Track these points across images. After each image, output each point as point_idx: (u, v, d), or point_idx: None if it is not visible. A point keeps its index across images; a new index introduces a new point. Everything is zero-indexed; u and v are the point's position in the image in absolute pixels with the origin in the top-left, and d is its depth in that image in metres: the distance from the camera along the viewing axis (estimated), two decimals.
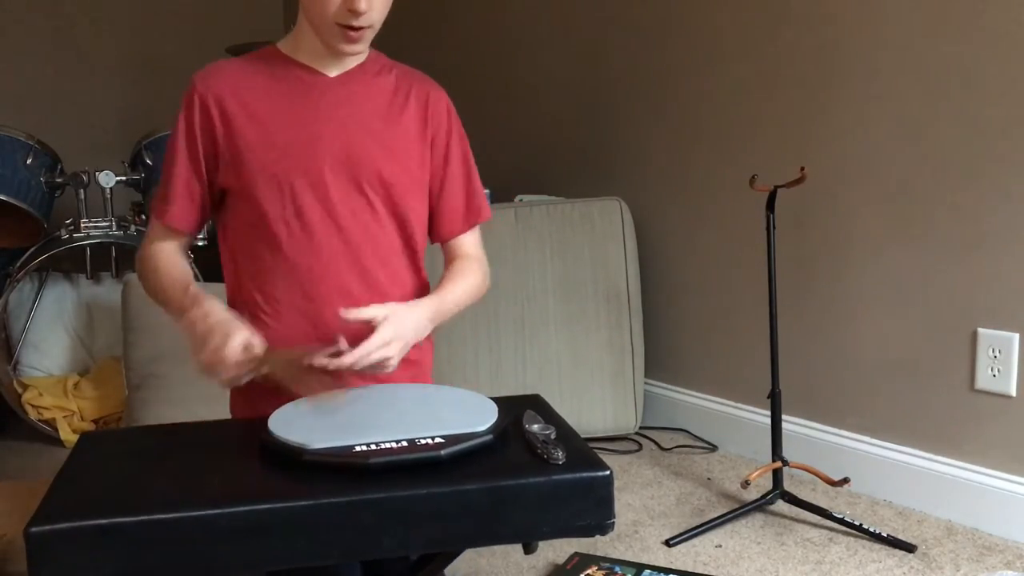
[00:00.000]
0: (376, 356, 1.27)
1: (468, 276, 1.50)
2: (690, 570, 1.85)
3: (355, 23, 1.33)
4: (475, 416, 1.18)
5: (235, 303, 1.43)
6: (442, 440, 1.11)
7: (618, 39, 2.82)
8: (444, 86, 1.54)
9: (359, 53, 1.42)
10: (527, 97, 3.20)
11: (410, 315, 1.35)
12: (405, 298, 1.42)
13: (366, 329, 1.29)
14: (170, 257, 1.42)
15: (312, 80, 1.41)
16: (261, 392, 1.34)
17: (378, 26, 1.38)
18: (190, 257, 1.47)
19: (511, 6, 3.25)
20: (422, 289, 1.49)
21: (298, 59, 1.42)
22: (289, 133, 1.37)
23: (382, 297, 1.39)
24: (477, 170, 1.53)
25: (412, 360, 1.45)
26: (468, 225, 1.52)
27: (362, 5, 1.30)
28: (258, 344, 1.25)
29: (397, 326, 1.30)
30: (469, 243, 1.54)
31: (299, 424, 1.17)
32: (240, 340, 1.23)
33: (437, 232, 1.52)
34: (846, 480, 2.04)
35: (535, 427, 1.20)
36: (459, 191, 1.51)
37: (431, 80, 1.51)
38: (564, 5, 3.03)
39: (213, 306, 1.29)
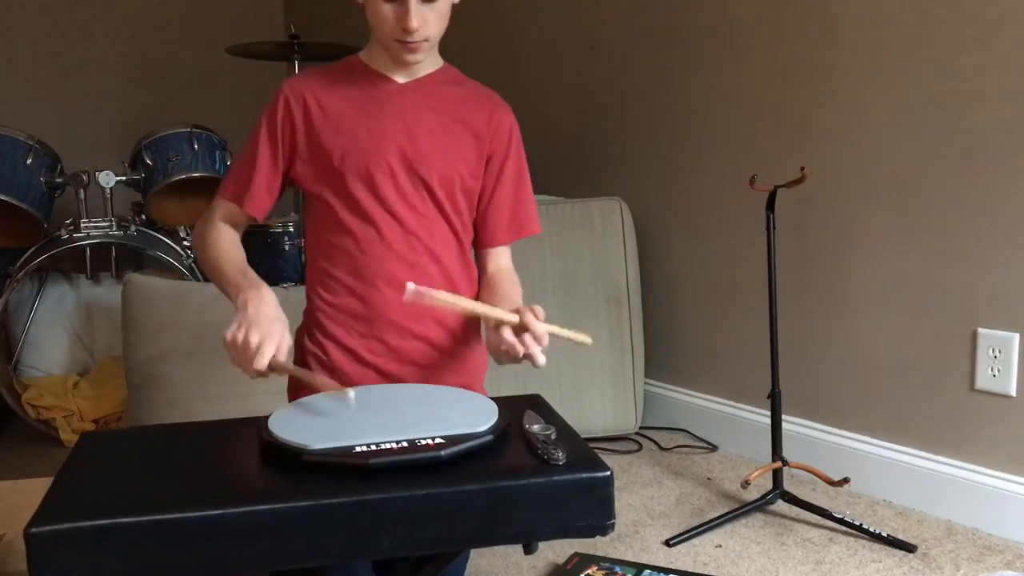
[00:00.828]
0: (538, 348, 1.32)
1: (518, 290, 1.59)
2: (690, 570, 1.85)
3: (409, 39, 1.43)
4: (475, 416, 1.18)
5: (309, 270, 1.57)
6: (442, 440, 1.11)
7: (619, 40, 2.82)
8: None
9: (419, 62, 1.50)
10: (527, 97, 3.20)
11: None
12: (453, 291, 1.51)
13: (413, 312, 1.45)
14: (233, 238, 1.54)
15: (383, 85, 1.52)
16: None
17: (435, 39, 1.48)
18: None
19: (512, 7, 3.25)
20: (470, 283, 1.58)
21: (373, 67, 1.53)
22: (358, 131, 1.49)
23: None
24: (531, 190, 1.63)
25: (464, 368, 1.55)
26: (510, 237, 1.62)
27: (413, 23, 1.40)
28: (284, 358, 1.31)
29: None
30: (504, 255, 1.63)
31: (299, 424, 1.17)
32: (268, 355, 1.29)
33: (479, 240, 1.61)
34: (846, 480, 2.04)
35: (535, 427, 1.19)
36: (506, 205, 1.59)
37: (499, 98, 1.60)
38: (565, 5, 3.03)
39: (266, 298, 1.36)
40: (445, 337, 1.53)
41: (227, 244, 1.52)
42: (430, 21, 1.43)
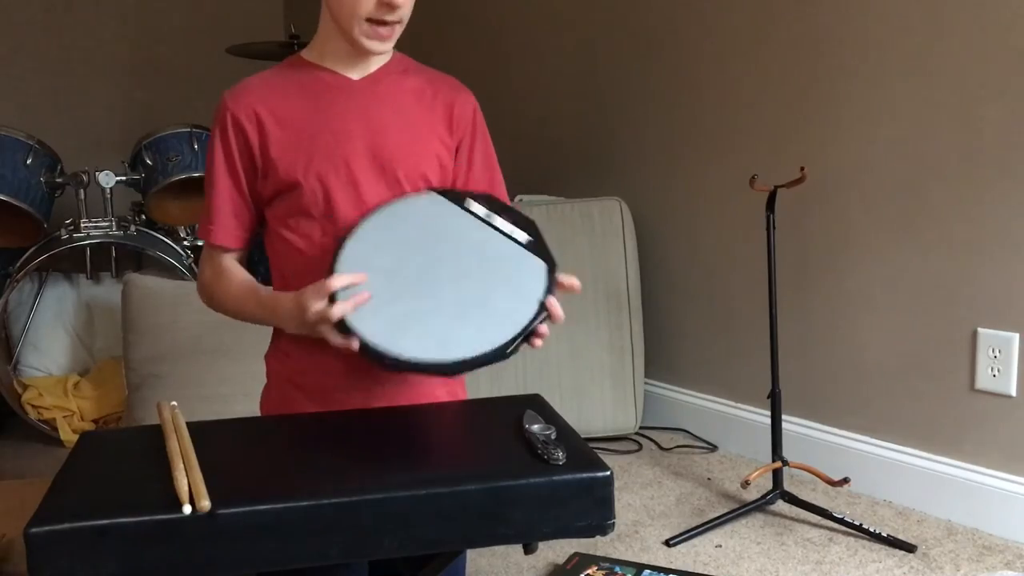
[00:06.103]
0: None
1: None
2: (690, 570, 1.85)
3: (388, 17, 1.34)
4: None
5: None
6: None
7: (618, 39, 2.82)
8: None
9: (386, 52, 1.43)
10: (527, 97, 3.20)
11: None
12: None
13: None
14: (229, 272, 1.45)
15: (338, 83, 1.43)
16: (293, 393, 1.41)
17: (405, 23, 1.38)
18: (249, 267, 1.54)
19: (511, 6, 3.25)
20: None
21: (324, 64, 1.44)
22: (319, 135, 1.39)
23: None
24: (500, 172, 1.54)
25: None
26: None
27: None
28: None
29: None
30: None
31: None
32: (321, 304, 1.26)
33: None
34: (846, 480, 2.04)
35: (535, 427, 1.20)
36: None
37: (458, 83, 1.52)
38: (565, 5, 3.03)
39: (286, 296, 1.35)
40: None
41: (227, 283, 1.44)
42: (407, 3, 1.34)
